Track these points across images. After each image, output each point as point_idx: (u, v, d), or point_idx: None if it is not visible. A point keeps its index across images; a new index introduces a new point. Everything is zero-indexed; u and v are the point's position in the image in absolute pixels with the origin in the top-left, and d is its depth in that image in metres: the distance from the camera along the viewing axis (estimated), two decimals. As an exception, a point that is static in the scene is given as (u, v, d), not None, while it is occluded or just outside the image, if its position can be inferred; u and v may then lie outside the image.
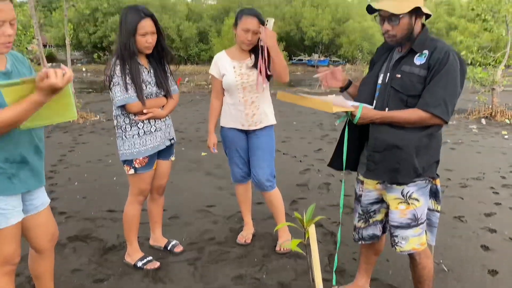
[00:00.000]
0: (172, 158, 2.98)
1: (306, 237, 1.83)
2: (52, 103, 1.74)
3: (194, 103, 12.17)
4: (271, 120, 3.06)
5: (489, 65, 9.26)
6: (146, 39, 2.55)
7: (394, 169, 2.04)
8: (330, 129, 7.93)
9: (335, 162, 2.32)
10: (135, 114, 2.64)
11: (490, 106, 9.12)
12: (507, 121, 8.61)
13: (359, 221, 2.34)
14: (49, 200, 2.11)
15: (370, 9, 2.01)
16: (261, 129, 3.03)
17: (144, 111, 2.63)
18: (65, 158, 5.84)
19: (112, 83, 2.56)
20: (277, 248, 3.13)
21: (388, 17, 1.96)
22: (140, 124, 2.67)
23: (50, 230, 2.12)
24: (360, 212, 2.32)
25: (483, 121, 8.68)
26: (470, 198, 4.20)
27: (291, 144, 6.68)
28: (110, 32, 36.41)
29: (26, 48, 12.42)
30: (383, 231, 2.35)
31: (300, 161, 5.69)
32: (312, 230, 1.82)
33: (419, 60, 1.97)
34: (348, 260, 2.97)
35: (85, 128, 8.15)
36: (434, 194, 2.16)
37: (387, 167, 2.06)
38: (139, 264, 2.87)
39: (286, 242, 3.14)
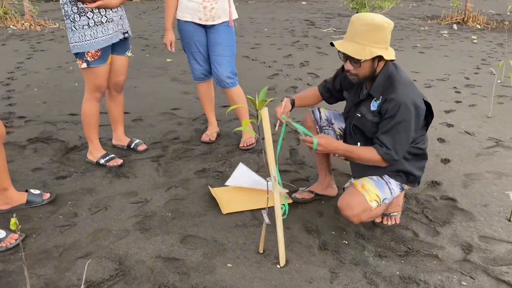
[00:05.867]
0: (129, 54, 2.85)
1: (259, 119, 1.83)
2: None
3: (160, 10, 11.50)
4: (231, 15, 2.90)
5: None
6: None
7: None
8: (302, 35, 7.71)
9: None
10: (83, 2, 2.45)
11: (463, 12, 8.98)
12: (478, 26, 8.55)
13: None
14: None
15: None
16: (220, 23, 2.90)
17: None
18: (23, 65, 5.54)
19: None
20: (241, 145, 3.17)
21: (350, 58, 1.93)
22: (90, 14, 2.49)
23: None
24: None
25: (455, 26, 8.59)
26: (432, 97, 4.26)
27: (261, 51, 6.51)
28: None
29: None
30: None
31: (269, 66, 5.59)
32: (265, 112, 1.82)
33: (374, 105, 2.03)
34: (308, 154, 3.05)
35: (44, 36, 7.65)
36: None
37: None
38: (102, 161, 2.87)
39: (249, 139, 3.18)
